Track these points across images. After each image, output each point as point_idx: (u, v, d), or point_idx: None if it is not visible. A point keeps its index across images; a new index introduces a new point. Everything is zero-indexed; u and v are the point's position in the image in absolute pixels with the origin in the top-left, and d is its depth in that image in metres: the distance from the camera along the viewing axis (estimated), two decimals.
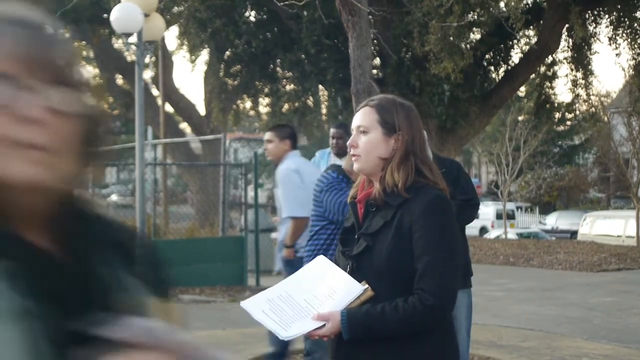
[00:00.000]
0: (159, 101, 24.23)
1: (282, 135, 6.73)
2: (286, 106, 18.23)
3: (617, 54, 15.86)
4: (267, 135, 6.83)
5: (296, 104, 18.00)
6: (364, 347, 2.58)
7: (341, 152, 7.48)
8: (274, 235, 6.76)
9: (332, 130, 7.96)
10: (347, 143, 2.76)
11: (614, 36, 15.57)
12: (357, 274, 2.61)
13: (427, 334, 2.62)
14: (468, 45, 14.95)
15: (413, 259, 2.58)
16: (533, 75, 17.59)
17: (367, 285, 2.56)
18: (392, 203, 2.64)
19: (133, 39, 10.98)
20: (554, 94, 18.67)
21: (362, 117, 2.76)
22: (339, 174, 5.28)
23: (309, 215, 6.33)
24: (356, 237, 2.70)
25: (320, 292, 2.60)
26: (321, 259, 2.73)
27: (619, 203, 34.44)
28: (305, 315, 2.55)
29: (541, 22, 16.29)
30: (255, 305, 2.60)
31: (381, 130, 2.72)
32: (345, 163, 5.38)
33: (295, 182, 6.51)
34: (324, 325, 2.53)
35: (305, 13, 15.14)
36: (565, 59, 16.94)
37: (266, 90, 18.69)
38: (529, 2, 16.40)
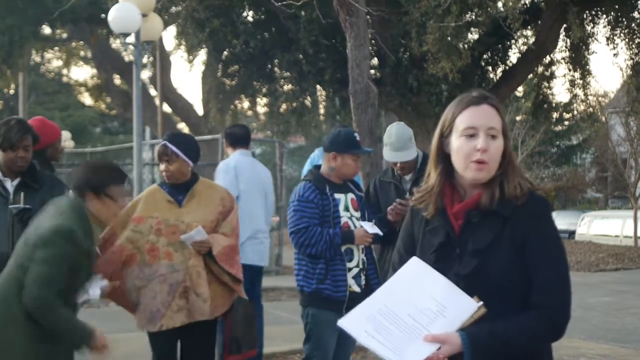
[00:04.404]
0: (157, 101, 24.23)
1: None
2: (284, 106, 18.23)
3: (614, 54, 15.80)
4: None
5: (294, 104, 17.99)
6: None
7: None
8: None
9: None
10: (478, 147, 2.40)
11: (611, 36, 15.57)
12: (468, 293, 2.39)
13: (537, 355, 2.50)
14: (466, 45, 14.93)
15: (527, 272, 2.41)
16: (531, 75, 17.60)
17: (481, 302, 2.36)
18: (502, 212, 2.42)
19: (131, 39, 10.97)
20: (552, 94, 18.69)
21: (492, 118, 2.44)
22: (313, 185, 5.21)
23: None
24: (458, 252, 2.46)
25: (424, 305, 2.36)
26: (415, 262, 2.46)
27: (616, 203, 34.45)
28: (415, 336, 2.32)
29: (539, 22, 16.29)
30: (356, 325, 2.35)
31: (502, 135, 2.46)
32: (325, 167, 5.35)
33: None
34: (438, 347, 2.32)
35: (303, 13, 15.13)
36: (563, 59, 16.94)
37: (264, 90, 18.69)
38: (527, 2, 16.40)
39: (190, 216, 4.81)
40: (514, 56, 17.19)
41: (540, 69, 17.26)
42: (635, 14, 15.45)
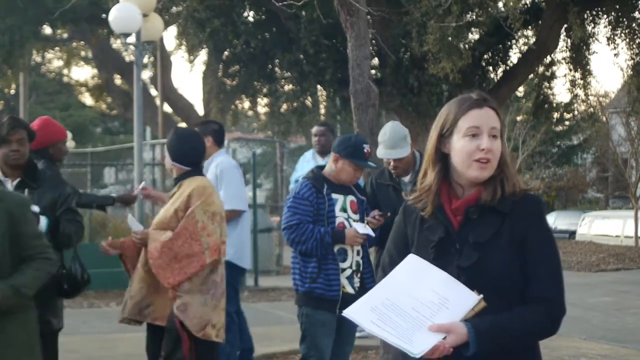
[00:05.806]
0: (158, 101, 24.25)
1: (204, 132, 6.49)
2: (284, 106, 18.22)
3: (615, 54, 15.77)
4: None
5: (295, 104, 17.97)
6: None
7: (324, 150, 7.70)
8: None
9: (315, 129, 8.13)
10: (482, 147, 2.49)
11: (612, 36, 15.55)
12: (468, 287, 2.45)
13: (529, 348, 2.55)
14: (466, 46, 14.92)
15: (524, 267, 2.47)
16: (531, 76, 17.59)
17: (481, 295, 2.41)
18: (501, 209, 2.49)
19: (132, 39, 10.98)
20: (553, 94, 18.65)
21: (493, 119, 2.52)
22: (310, 183, 5.19)
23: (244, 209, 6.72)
24: (458, 247, 2.51)
25: (427, 298, 2.40)
26: (413, 258, 2.50)
27: (617, 203, 34.44)
28: (421, 326, 2.36)
29: (539, 22, 16.28)
30: (362, 315, 2.39)
31: (500, 136, 2.55)
32: (328, 167, 5.33)
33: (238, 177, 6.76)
34: (444, 337, 2.36)
35: (303, 13, 15.12)
36: (564, 59, 16.93)
37: (265, 90, 18.67)
38: (528, 2, 16.39)
39: (160, 212, 4.89)
40: (514, 56, 17.20)
41: (541, 69, 17.26)
42: (636, 14, 15.45)
